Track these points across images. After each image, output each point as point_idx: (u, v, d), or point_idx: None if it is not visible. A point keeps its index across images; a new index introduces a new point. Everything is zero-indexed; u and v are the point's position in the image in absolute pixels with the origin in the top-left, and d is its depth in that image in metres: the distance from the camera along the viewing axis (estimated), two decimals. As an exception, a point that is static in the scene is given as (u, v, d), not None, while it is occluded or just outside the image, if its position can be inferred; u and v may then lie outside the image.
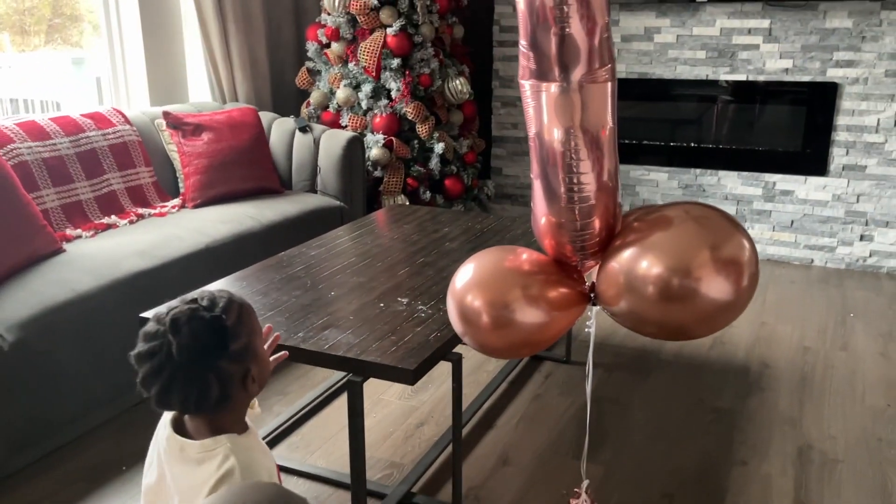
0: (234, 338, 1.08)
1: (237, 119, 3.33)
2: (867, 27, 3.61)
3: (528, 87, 1.54)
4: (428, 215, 2.99)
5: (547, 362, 2.84)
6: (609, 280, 1.60)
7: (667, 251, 1.50)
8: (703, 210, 1.56)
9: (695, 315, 1.51)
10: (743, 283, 1.47)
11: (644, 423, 2.43)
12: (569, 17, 1.41)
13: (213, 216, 2.95)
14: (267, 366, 1.18)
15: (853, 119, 3.74)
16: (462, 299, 1.65)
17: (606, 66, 1.48)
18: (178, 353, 1.04)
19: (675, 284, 1.47)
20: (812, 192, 3.89)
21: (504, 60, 4.33)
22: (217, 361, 1.06)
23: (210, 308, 1.09)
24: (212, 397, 1.06)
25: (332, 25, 3.74)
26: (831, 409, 2.51)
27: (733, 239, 1.49)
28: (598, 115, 1.52)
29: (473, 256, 1.73)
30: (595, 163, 1.54)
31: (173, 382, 1.05)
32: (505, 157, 4.48)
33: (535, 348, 1.78)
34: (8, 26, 3.40)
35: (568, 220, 1.59)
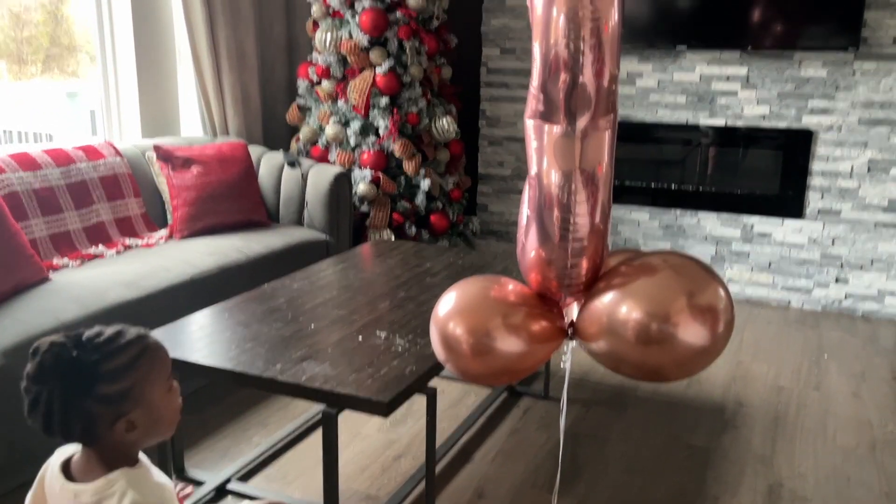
0: (108, 381, 1.03)
1: (226, 153, 3.39)
2: (841, 77, 3.73)
3: (533, 126, 1.61)
4: (412, 250, 3.05)
5: (525, 398, 2.88)
6: (591, 319, 1.66)
7: (647, 296, 1.56)
8: (680, 259, 1.62)
9: (671, 358, 1.56)
10: (719, 329, 1.53)
11: (619, 458, 2.47)
12: (583, 67, 1.48)
13: (199, 248, 3.00)
14: (162, 414, 1.11)
15: (828, 165, 3.85)
16: (444, 325, 1.70)
17: (609, 116, 1.56)
18: (33, 382, 1.02)
19: (654, 329, 1.53)
20: (789, 235, 3.98)
21: (491, 101, 4.44)
22: (78, 400, 1.01)
23: (89, 345, 1.04)
24: (74, 433, 1.04)
25: (322, 64, 3.83)
26: (803, 448, 2.56)
27: (710, 287, 1.55)
28: (596, 160, 1.59)
29: (457, 284, 1.78)
30: (591, 206, 1.61)
31: (36, 405, 1.02)
32: (491, 195, 4.56)
33: (514, 377, 1.83)
34: (5, 55, 3.47)
35: (559, 257, 1.66)
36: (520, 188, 4.48)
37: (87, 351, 1.03)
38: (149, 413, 1.07)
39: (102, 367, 1.03)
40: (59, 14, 3.66)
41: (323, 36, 3.78)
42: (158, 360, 1.10)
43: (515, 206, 4.51)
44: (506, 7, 4.30)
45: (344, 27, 3.78)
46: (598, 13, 1.46)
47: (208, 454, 2.43)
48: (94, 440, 1.06)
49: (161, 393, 1.10)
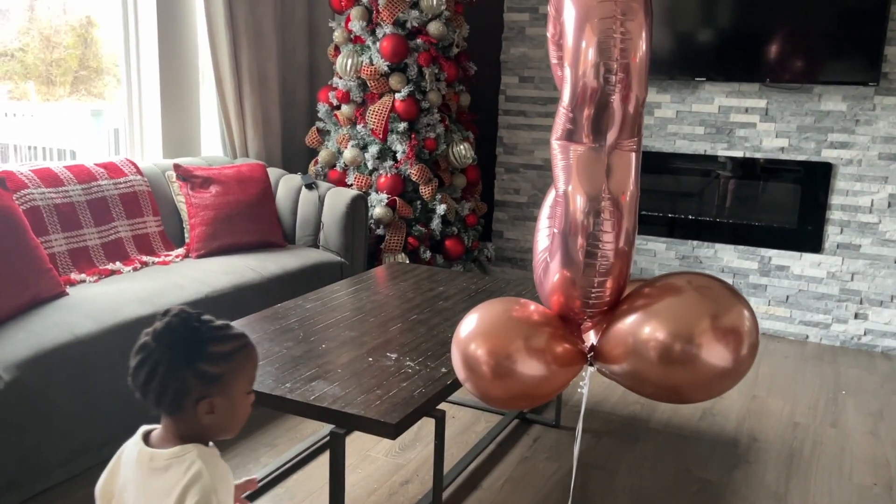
0: (209, 361, 1.15)
1: (245, 174, 3.43)
2: (861, 111, 3.72)
3: (560, 147, 1.63)
4: (426, 274, 3.05)
5: (536, 426, 2.85)
6: (615, 340, 1.66)
7: (671, 317, 1.55)
8: (705, 280, 1.62)
9: (694, 379, 1.55)
10: (742, 351, 1.52)
11: (629, 491, 2.43)
12: (614, 88, 1.51)
13: (215, 267, 3.02)
14: (236, 412, 1.21)
15: (847, 199, 3.82)
16: (466, 347, 1.70)
17: (634, 139, 1.57)
18: (154, 339, 1.15)
19: (677, 349, 1.52)
20: (807, 269, 3.94)
21: (508, 128, 4.46)
22: (182, 366, 1.13)
23: (207, 324, 1.18)
24: (167, 397, 1.15)
25: (343, 88, 3.88)
26: (818, 486, 2.51)
27: (734, 308, 1.54)
28: (623, 180, 1.60)
29: (479, 306, 1.78)
30: (616, 225, 1.61)
31: (145, 362, 1.15)
32: (506, 221, 4.57)
33: (534, 402, 1.82)
34: (35, 76, 3.55)
35: (586, 276, 1.66)
36: (535, 216, 4.48)
37: (205, 328, 1.17)
38: (228, 403, 1.18)
39: (210, 347, 1.15)
40: (89, 37, 3.75)
41: (344, 61, 3.83)
42: (250, 361, 1.22)
43: (531, 234, 4.51)
44: (525, 36, 4.33)
45: (365, 53, 3.82)
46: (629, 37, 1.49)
47: (216, 473, 2.42)
48: (178, 410, 1.16)
49: (242, 391, 1.21)
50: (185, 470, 1.15)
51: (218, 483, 1.16)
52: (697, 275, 1.69)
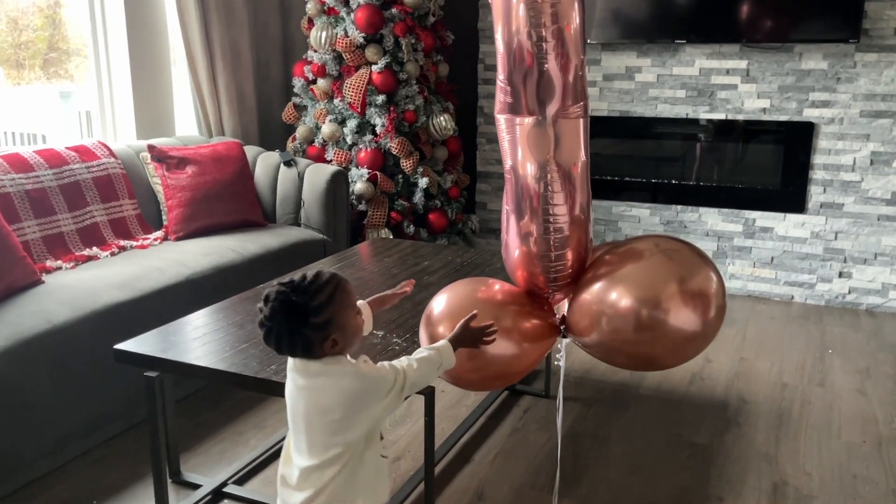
0: (316, 314, 1.35)
1: (222, 153, 3.36)
2: (842, 69, 3.69)
3: (504, 120, 1.59)
4: (409, 249, 3.02)
5: (526, 396, 2.84)
6: (581, 311, 1.63)
7: (636, 283, 1.53)
8: (672, 243, 1.59)
9: (664, 345, 1.53)
10: (710, 314, 1.50)
11: (621, 458, 2.43)
12: (546, 55, 1.47)
13: (195, 248, 2.96)
14: (354, 332, 1.41)
15: (830, 158, 3.81)
16: (435, 330, 1.67)
17: (579, 103, 1.53)
18: (267, 320, 1.37)
19: (644, 315, 1.50)
20: (791, 230, 3.94)
21: (488, 98, 4.40)
22: (299, 329, 1.35)
23: (300, 289, 1.36)
24: (297, 351, 1.38)
25: (318, 62, 3.80)
26: (807, 446, 2.52)
27: (701, 272, 1.52)
28: (571, 149, 1.56)
29: (447, 288, 1.75)
30: (568, 196, 1.58)
31: (270, 335, 1.38)
32: (489, 193, 4.53)
33: (508, 380, 1.79)
34: (3, 60, 3.44)
35: (542, 251, 1.62)
36: (519, 185, 4.45)
37: (301, 294, 1.35)
38: (345, 332, 1.39)
39: (311, 303, 1.35)
40: (57, 18, 3.63)
41: (318, 34, 3.75)
42: (347, 293, 1.40)
43: (514, 204, 4.48)
44: (503, 3, 4.25)
45: (339, 25, 3.74)
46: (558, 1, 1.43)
47: (204, 458, 2.39)
48: (312, 355, 1.39)
49: (351, 317, 1.40)
50: (345, 368, 1.40)
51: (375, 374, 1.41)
52: (664, 238, 1.64)
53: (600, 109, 4.15)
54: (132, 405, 2.53)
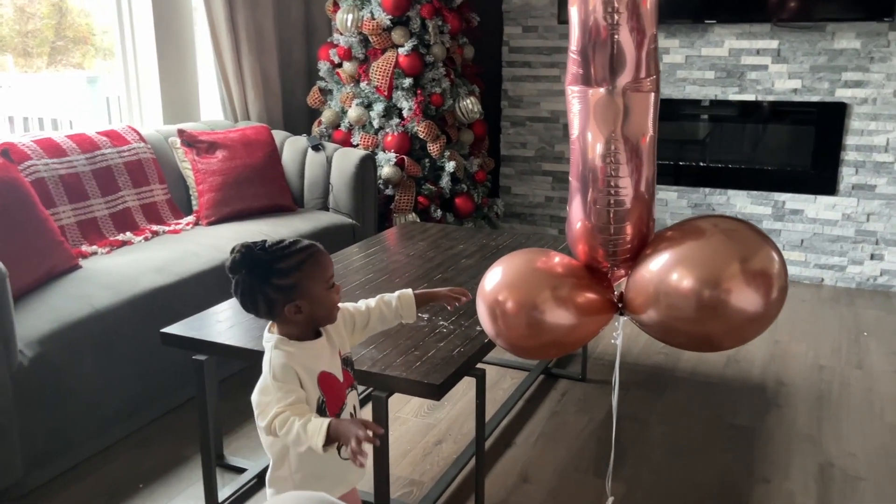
0: (280, 275, 1.34)
1: (251, 137, 3.34)
2: (875, 48, 3.64)
3: (574, 92, 1.57)
4: (441, 232, 3.00)
5: (562, 380, 2.83)
6: (638, 289, 1.61)
7: (697, 262, 1.50)
8: (731, 223, 1.57)
9: (724, 326, 1.51)
10: (773, 294, 1.48)
11: (662, 440, 2.42)
12: (618, 26, 1.45)
13: (227, 233, 2.95)
14: (323, 305, 1.40)
15: (862, 139, 3.76)
16: (493, 300, 1.66)
17: (651, 77, 1.51)
18: (229, 270, 1.38)
19: (706, 296, 1.47)
20: (822, 212, 3.91)
21: (513, 81, 4.36)
22: (260, 286, 1.35)
23: (269, 250, 1.37)
24: (260, 310, 1.38)
25: (344, 45, 3.77)
26: (850, 427, 2.50)
27: (762, 251, 1.50)
28: (639, 122, 1.54)
29: (502, 259, 1.73)
30: (633, 169, 1.56)
31: (236, 289, 1.38)
32: (514, 177, 4.50)
33: (563, 350, 1.78)
34: (10, 48, 3.42)
35: (602, 223, 1.61)
36: (544, 169, 4.42)
37: (267, 253, 1.36)
38: (311, 303, 1.38)
39: (276, 265, 1.35)
40: (64, 6, 3.61)
41: (344, 16, 3.71)
42: (320, 265, 1.39)
43: (539, 188, 4.45)
44: (527, -16, 4.21)
45: (365, 7, 3.71)
46: None
47: (246, 441, 2.39)
48: (273, 317, 1.40)
49: (321, 290, 1.39)
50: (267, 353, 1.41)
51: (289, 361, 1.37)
52: (722, 217, 1.63)
53: (627, 91, 4.10)
54: (173, 388, 2.53)
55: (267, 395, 1.36)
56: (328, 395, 1.42)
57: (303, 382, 1.37)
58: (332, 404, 1.42)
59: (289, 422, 1.32)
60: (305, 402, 1.36)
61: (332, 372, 1.44)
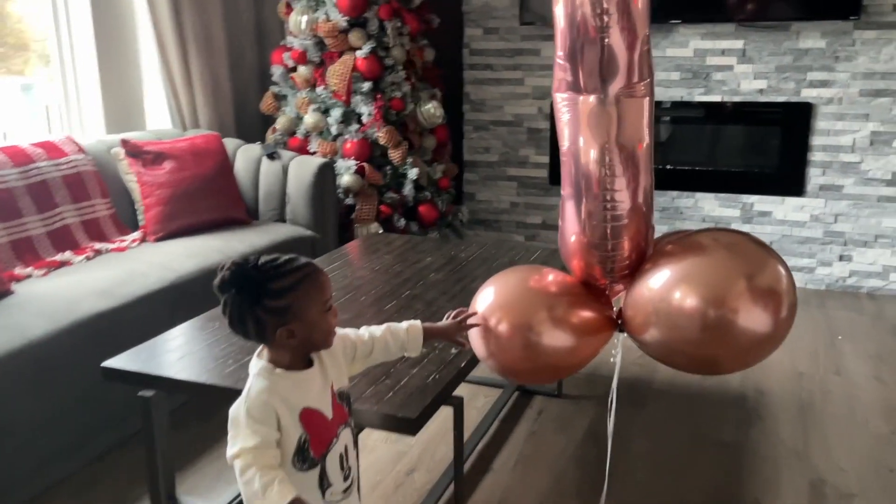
0: (273, 296, 1.23)
1: (200, 146, 3.14)
2: (840, 47, 3.60)
3: (563, 99, 1.46)
4: (407, 244, 2.84)
5: (538, 397, 2.70)
6: (637, 307, 1.49)
7: (700, 280, 1.38)
8: (732, 236, 1.46)
9: (730, 349, 1.39)
10: (782, 313, 1.36)
11: (646, 458, 2.30)
12: (609, 28, 1.33)
13: (177, 250, 2.75)
14: (319, 329, 1.29)
15: (829, 139, 3.73)
16: (486, 321, 1.53)
17: (645, 81, 1.40)
18: (218, 289, 1.25)
19: (711, 316, 1.36)
20: (790, 213, 3.86)
21: (475, 84, 4.23)
22: (251, 307, 1.23)
23: (262, 268, 1.25)
24: (249, 333, 1.27)
25: (298, 48, 3.59)
26: (836, 439, 2.42)
27: (769, 266, 1.38)
28: (634, 130, 1.43)
29: (493, 278, 1.61)
30: (630, 180, 1.44)
31: (224, 308, 1.26)
32: (478, 182, 4.37)
33: (561, 374, 1.66)
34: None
35: (598, 238, 1.48)
36: (508, 175, 4.30)
37: (260, 271, 1.24)
38: (305, 327, 1.26)
39: (269, 284, 1.23)
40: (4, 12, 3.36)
41: (298, 18, 3.54)
42: (316, 286, 1.28)
43: (504, 194, 4.33)
44: (487, -16, 4.09)
45: (320, 8, 3.54)
46: None
47: (201, 478, 2.20)
48: (264, 340, 1.28)
49: (317, 312, 1.28)
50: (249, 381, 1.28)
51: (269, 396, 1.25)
52: (722, 231, 1.52)
53: (592, 93, 4.00)
54: (120, 420, 2.32)
55: (236, 428, 1.25)
56: (312, 433, 1.28)
57: (282, 419, 1.25)
58: (317, 443, 1.29)
59: (249, 471, 1.20)
60: (276, 444, 1.24)
61: (318, 408, 1.30)
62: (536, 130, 4.17)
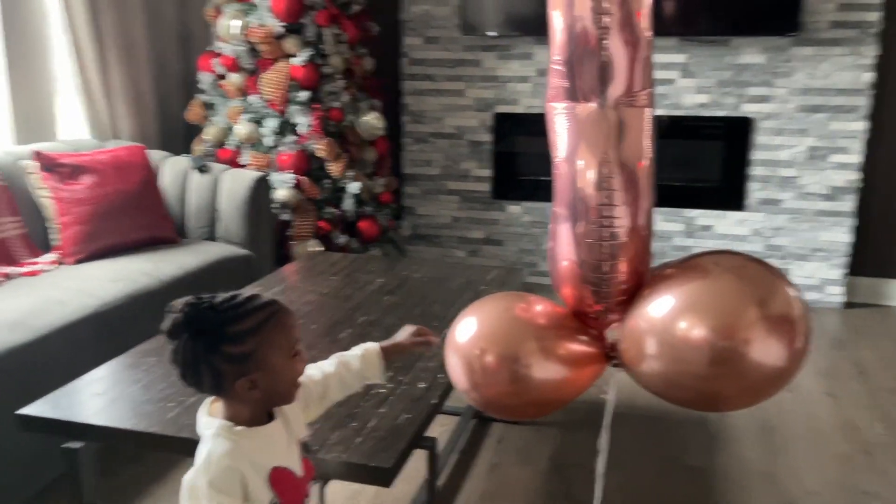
0: (232, 341, 1.08)
1: (124, 159, 2.88)
2: (779, 63, 3.64)
3: (559, 109, 1.33)
4: (353, 265, 2.67)
5: (496, 424, 2.56)
6: (635, 337, 1.36)
7: (707, 308, 1.27)
8: (735, 259, 1.35)
9: (739, 383, 1.28)
10: (797, 343, 1.26)
11: (617, 489, 2.19)
12: (608, 31, 1.21)
13: (99, 273, 2.49)
14: (283, 379, 1.14)
15: (768, 154, 3.75)
16: (469, 353, 1.38)
17: (647, 90, 1.28)
18: (169, 334, 1.08)
19: (720, 347, 1.24)
20: (731, 227, 3.87)
21: (414, 94, 4.09)
22: (207, 355, 1.07)
23: (220, 308, 1.09)
24: (204, 385, 1.11)
25: (229, 54, 3.36)
26: (802, 460, 2.37)
27: (780, 290, 1.28)
28: (635, 142, 1.31)
29: (473, 307, 1.46)
30: (629, 197, 1.32)
31: (175, 355, 1.09)
32: (418, 196, 4.22)
33: (546, 409, 1.53)
34: None
35: (591, 259, 1.36)
36: (449, 188, 4.16)
37: (218, 312, 1.08)
38: (269, 376, 1.11)
39: (228, 328, 1.07)
40: None
41: (228, 23, 3.32)
42: (283, 329, 1.13)
43: (445, 209, 4.19)
44: (427, -8, 3.96)
45: (253, 12, 3.32)
46: None
47: (133, 532, 1.96)
48: (221, 392, 1.12)
49: (283, 359, 1.12)
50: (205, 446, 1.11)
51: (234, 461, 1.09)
52: (722, 253, 1.42)
53: (535, 106, 3.93)
54: (39, 468, 2.05)
55: (194, 501, 1.07)
56: (284, 495, 1.12)
57: (250, 485, 1.09)
58: None
59: None
60: None
61: (287, 466, 1.15)
62: (478, 143, 4.05)
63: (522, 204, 4.06)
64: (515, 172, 4.06)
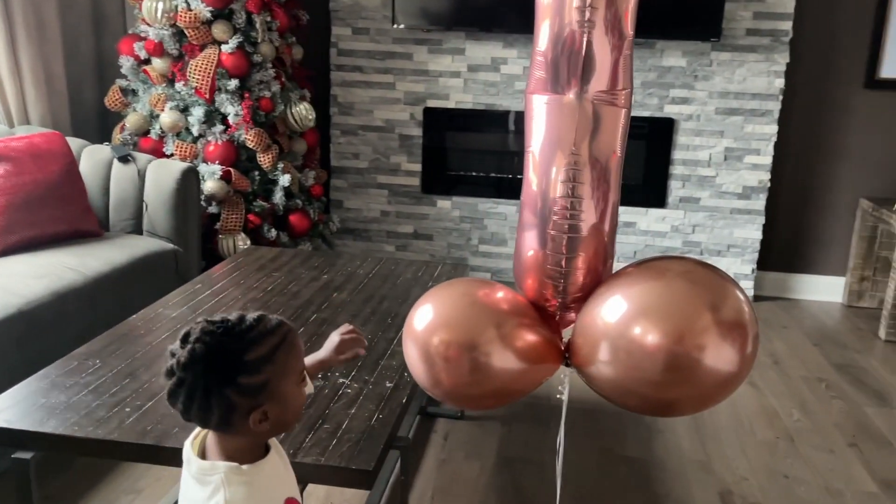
0: (250, 371, 1.00)
1: (41, 147, 2.70)
2: (699, 66, 3.79)
3: (537, 100, 1.35)
4: (295, 259, 2.61)
5: (440, 420, 2.56)
6: (588, 336, 1.37)
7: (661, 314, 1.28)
8: (688, 265, 1.37)
9: (692, 390, 1.30)
10: (748, 348, 1.29)
11: (563, 483, 2.24)
12: (593, 24, 1.24)
13: (20, 269, 2.33)
14: (291, 408, 1.07)
15: (688, 154, 3.91)
16: (426, 341, 1.36)
17: (626, 90, 1.31)
18: (180, 368, 0.99)
19: (674, 353, 1.26)
20: (652, 224, 4.01)
21: (343, 86, 4.02)
22: (221, 388, 0.99)
23: (235, 333, 1.01)
24: (212, 420, 1.01)
25: (154, 38, 3.20)
26: (731, 448, 2.50)
27: (730, 294, 1.31)
28: (608, 139, 1.34)
29: (431, 291, 1.44)
30: (595, 191, 1.34)
31: (180, 389, 0.99)
32: (346, 190, 4.15)
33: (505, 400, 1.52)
34: None
35: (553, 250, 1.37)
36: (378, 182, 4.12)
37: (234, 339, 1.00)
38: (280, 406, 1.04)
39: (246, 356, 1.00)
40: None
41: (153, 5, 3.15)
42: (294, 353, 1.07)
43: (374, 202, 4.15)
44: (356, -18, 3.90)
45: (179, -5, 3.17)
46: None
47: (71, 545, 1.85)
48: (228, 428, 1.03)
49: (293, 386, 1.07)
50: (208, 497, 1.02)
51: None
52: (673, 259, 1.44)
53: (465, 102, 3.94)
54: None
55: None
56: None
57: None
58: None
59: None
60: None
61: (294, 496, 1.10)
62: (408, 137, 4.03)
63: (452, 199, 4.07)
64: (446, 167, 4.07)
